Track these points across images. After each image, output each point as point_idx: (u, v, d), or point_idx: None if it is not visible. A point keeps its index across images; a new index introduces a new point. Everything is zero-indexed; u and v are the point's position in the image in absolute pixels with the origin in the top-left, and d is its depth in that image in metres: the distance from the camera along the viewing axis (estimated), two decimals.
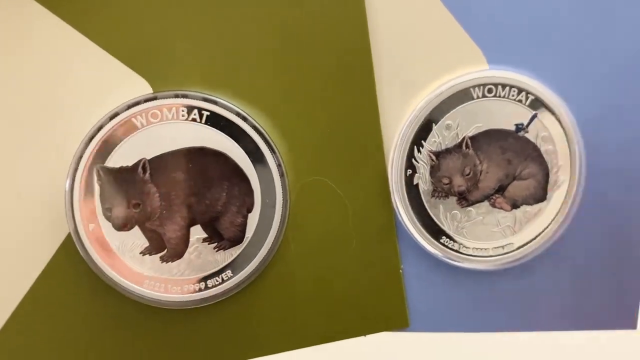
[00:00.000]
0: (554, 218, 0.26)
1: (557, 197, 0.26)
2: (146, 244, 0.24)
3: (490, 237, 0.26)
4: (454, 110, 0.25)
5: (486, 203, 0.26)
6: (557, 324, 0.28)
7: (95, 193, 0.24)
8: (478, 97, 0.25)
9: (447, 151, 0.26)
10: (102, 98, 0.24)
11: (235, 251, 0.25)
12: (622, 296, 0.27)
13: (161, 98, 0.24)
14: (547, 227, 0.26)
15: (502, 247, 0.26)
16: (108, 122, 0.24)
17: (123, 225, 0.24)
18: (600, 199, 0.27)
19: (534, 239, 0.26)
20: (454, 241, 0.26)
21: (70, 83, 0.24)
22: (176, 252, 0.25)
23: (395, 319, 0.27)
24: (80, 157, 0.24)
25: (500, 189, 0.26)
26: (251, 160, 0.25)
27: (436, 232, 0.26)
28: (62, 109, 0.24)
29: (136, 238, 0.24)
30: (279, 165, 0.25)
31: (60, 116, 0.24)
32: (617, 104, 0.26)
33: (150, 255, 0.24)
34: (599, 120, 0.26)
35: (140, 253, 0.24)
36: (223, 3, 0.24)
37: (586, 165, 0.26)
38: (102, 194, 0.24)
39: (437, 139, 0.25)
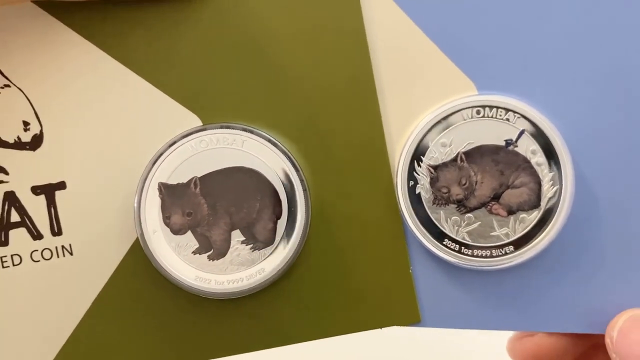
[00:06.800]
0: (549, 224, 0.30)
1: (551, 204, 0.30)
2: (196, 245, 0.30)
3: (489, 240, 0.30)
4: (447, 130, 0.30)
5: (483, 209, 0.30)
6: (564, 324, 0.30)
7: (157, 205, 0.30)
8: (468, 118, 0.30)
9: (444, 165, 0.30)
10: (163, 131, 0.30)
11: (267, 251, 0.30)
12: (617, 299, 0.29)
13: (209, 129, 0.30)
14: (543, 232, 0.30)
15: (502, 248, 0.30)
16: (167, 149, 0.30)
17: (178, 230, 0.30)
18: (591, 202, 0.30)
19: (531, 243, 0.30)
20: (456, 243, 0.30)
21: (139, 121, 0.30)
22: (220, 252, 0.30)
23: (407, 314, 0.30)
24: (147, 176, 0.30)
25: (496, 197, 0.30)
26: (280, 177, 0.30)
27: (439, 235, 0.30)
28: (132, 140, 0.30)
29: (189, 240, 0.30)
30: (302, 181, 0.30)
31: (131, 145, 0.30)
32: (601, 120, 0.30)
33: (200, 254, 0.30)
34: (586, 135, 0.30)
35: (192, 253, 0.30)
36: (253, 56, 0.30)
37: (575, 174, 0.29)
38: (163, 205, 0.30)
39: (435, 155, 0.30)
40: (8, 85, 0.30)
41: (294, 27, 0.30)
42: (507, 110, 0.30)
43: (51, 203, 0.31)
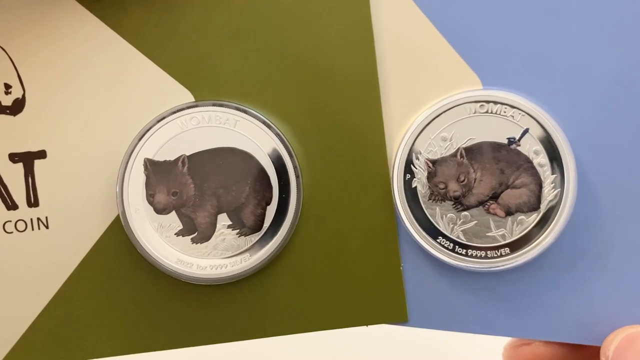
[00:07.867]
0: (547, 228, 0.29)
1: (551, 207, 0.29)
2: (180, 226, 0.29)
3: (485, 240, 0.29)
4: (449, 124, 0.29)
5: (481, 208, 0.29)
6: (558, 333, 0.29)
7: (141, 182, 0.29)
8: (471, 113, 0.29)
9: (443, 159, 0.29)
10: (152, 105, 0.29)
11: (254, 238, 0.29)
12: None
13: (201, 106, 0.29)
14: (541, 236, 0.29)
15: (497, 250, 0.29)
16: (156, 124, 0.29)
17: (162, 210, 0.29)
18: (592, 207, 0.29)
19: (528, 246, 0.29)
20: (450, 241, 0.29)
21: (129, 92, 0.29)
22: (205, 236, 0.29)
23: (395, 313, 0.29)
24: (132, 151, 0.29)
25: (494, 196, 0.29)
26: (272, 161, 0.29)
27: (433, 233, 0.29)
28: (120, 113, 0.29)
29: (172, 221, 0.29)
30: (295, 167, 0.29)
31: (119, 118, 0.29)
32: (607, 123, 0.29)
33: (183, 236, 0.29)
34: (592, 138, 0.29)
35: (175, 234, 0.29)
36: (254, 34, 0.29)
37: (578, 176, 0.28)
38: (147, 182, 0.29)
39: (434, 149, 0.29)
40: None
41: (297, 7, 0.29)
42: (512, 107, 0.29)
43: (29, 172, 0.29)
